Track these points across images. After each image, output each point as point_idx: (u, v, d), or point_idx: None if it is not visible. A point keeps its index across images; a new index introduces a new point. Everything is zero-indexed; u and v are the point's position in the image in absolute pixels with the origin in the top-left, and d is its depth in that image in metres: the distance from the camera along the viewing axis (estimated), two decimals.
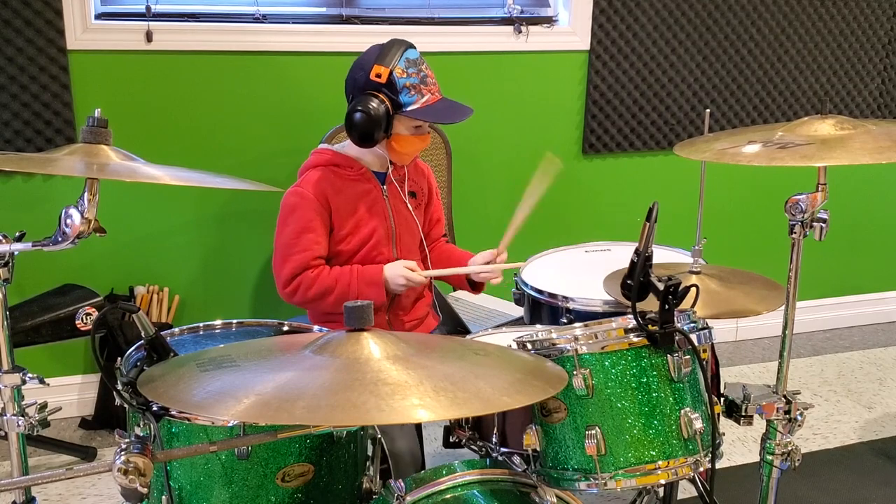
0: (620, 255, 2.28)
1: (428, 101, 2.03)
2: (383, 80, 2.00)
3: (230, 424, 1.38)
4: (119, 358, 1.48)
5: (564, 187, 3.27)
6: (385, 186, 2.16)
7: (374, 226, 2.12)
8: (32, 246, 1.44)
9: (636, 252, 1.41)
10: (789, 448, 1.68)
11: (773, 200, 1.96)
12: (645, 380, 1.40)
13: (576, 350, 1.41)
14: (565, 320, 2.00)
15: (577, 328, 1.45)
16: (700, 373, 1.46)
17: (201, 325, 1.76)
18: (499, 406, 1.18)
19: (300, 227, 2.06)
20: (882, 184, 3.73)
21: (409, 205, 2.20)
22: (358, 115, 2.01)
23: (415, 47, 2.09)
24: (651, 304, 1.40)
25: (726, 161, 1.62)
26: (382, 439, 1.75)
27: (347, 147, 2.16)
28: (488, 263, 2.16)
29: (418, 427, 2.16)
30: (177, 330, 1.72)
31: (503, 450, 1.56)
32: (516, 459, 1.54)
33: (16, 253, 1.49)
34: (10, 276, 1.50)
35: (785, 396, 1.67)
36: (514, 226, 2.11)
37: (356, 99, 2.03)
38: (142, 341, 1.37)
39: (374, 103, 2.00)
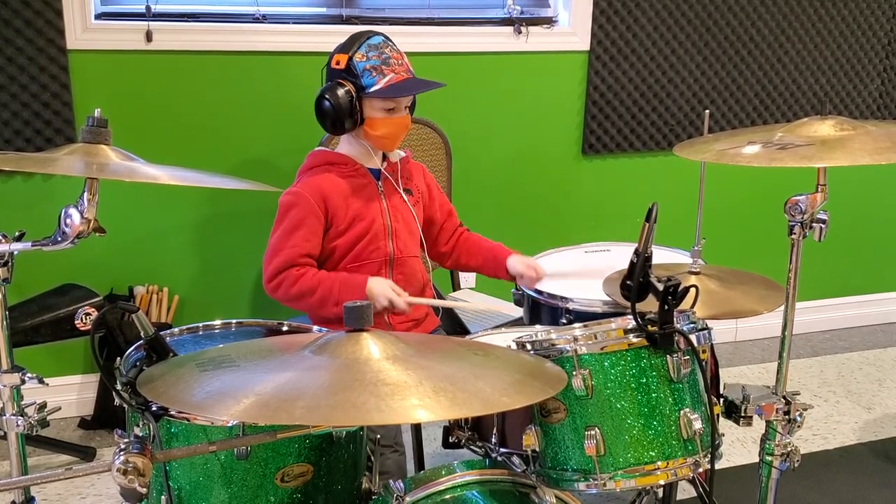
0: (620, 256, 2.28)
1: (391, 81, 2.05)
2: (342, 66, 2.06)
3: (229, 424, 1.38)
4: (118, 358, 1.48)
5: (564, 188, 3.28)
6: (380, 182, 2.17)
7: (370, 220, 2.13)
8: (32, 246, 1.44)
9: (636, 252, 1.41)
10: (788, 449, 1.68)
11: (773, 201, 1.96)
12: (644, 380, 1.40)
13: (575, 350, 1.41)
14: (565, 321, 2.00)
15: (577, 329, 1.45)
16: (699, 373, 1.46)
17: (201, 325, 1.76)
18: (498, 406, 1.18)
19: (292, 225, 2.09)
20: (882, 184, 3.73)
21: (406, 200, 2.20)
22: (322, 102, 2.06)
23: (382, 35, 2.10)
24: (650, 305, 1.40)
25: (726, 162, 1.62)
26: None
27: (340, 147, 2.19)
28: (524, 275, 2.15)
29: (418, 428, 2.16)
30: (176, 330, 1.72)
31: (502, 450, 1.56)
32: (516, 460, 1.53)
33: (15, 253, 1.48)
34: (10, 275, 1.50)
35: (784, 397, 1.66)
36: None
37: (322, 88, 2.08)
38: (141, 341, 1.37)
39: (337, 90, 2.05)
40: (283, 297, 2.08)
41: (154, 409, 1.36)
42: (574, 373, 1.40)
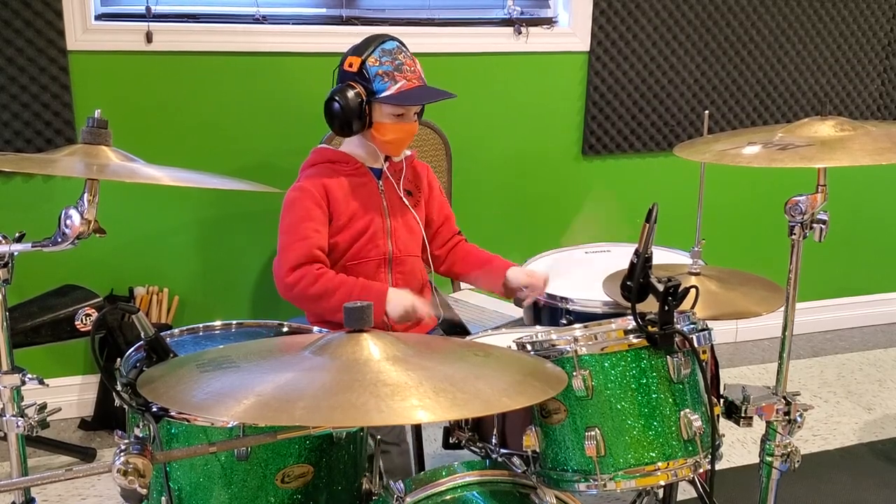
0: (620, 257, 2.28)
1: (402, 88, 2.06)
2: (355, 69, 2.06)
3: (230, 425, 1.38)
4: (119, 359, 1.47)
5: (564, 188, 3.28)
6: (381, 181, 2.18)
7: (369, 219, 2.14)
8: (32, 246, 1.44)
9: (636, 253, 1.41)
10: (789, 449, 1.68)
11: (773, 202, 1.96)
12: (644, 381, 1.40)
13: (575, 351, 1.41)
14: (565, 321, 2.00)
15: (577, 329, 1.45)
16: (700, 374, 1.46)
17: (201, 325, 1.76)
18: (499, 407, 1.18)
19: (299, 217, 2.08)
20: (882, 185, 3.73)
21: (405, 201, 2.20)
22: (332, 104, 2.07)
23: (396, 40, 2.11)
24: (651, 306, 1.40)
25: (726, 162, 1.62)
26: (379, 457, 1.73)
27: (344, 146, 2.20)
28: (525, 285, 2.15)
29: (418, 429, 2.16)
30: (176, 331, 1.72)
31: (503, 451, 1.55)
32: (516, 461, 1.53)
33: (15, 253, 1.48)
34: (10, 276, 1.50)
35: (784, 398, 1.66)
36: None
37: (332, 89, 2.09)
38: (141, 342, 1.37)
39: (348, 92, 2.05)
40: (298, 295, 2.03)
41: (154, 409, 1.36)
42: (574, 373, 1.40)
